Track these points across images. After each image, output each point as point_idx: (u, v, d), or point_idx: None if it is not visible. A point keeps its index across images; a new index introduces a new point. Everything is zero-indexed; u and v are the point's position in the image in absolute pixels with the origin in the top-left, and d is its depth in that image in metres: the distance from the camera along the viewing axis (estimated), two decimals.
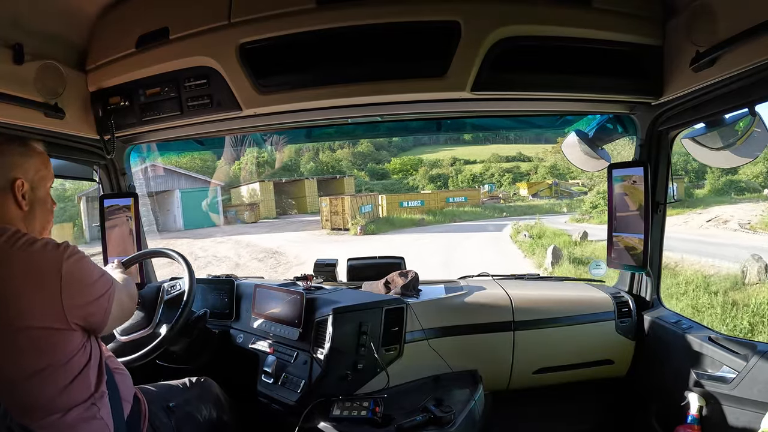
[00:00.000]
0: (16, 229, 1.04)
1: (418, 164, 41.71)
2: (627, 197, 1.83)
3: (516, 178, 38.85)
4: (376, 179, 39.59)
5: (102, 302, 1.07)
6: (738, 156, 1.49)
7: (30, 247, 1.00)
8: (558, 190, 33.82)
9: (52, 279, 0.99)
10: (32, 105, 1.46)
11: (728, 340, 1.57)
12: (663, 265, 1.96)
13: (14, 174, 1.08)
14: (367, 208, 23.18)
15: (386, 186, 36.71)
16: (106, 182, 2.07)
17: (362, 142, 39.62)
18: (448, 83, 1.45)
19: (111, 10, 1.58)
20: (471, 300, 1.92)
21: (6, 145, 1.13)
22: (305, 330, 1.63)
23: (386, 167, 42.14)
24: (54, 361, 1.00)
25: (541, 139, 36.34)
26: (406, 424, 1.40)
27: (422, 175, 40.14)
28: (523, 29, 1.42)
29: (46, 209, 1.15)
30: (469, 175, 40.05)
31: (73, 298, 1.01)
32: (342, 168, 38.29)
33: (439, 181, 39.23)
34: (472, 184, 38.26)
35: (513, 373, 1.89)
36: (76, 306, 1.02)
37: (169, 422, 1.30)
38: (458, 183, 38.89)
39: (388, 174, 41.36)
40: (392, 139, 41.34)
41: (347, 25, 1.41)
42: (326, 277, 2.13)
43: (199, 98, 1.59)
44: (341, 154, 39.26)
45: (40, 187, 1.14)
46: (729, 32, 1.19)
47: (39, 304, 0.98)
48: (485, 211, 28.69)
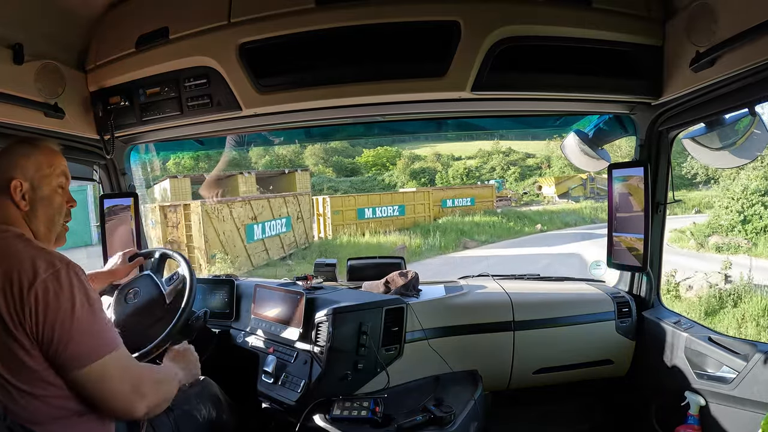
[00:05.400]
0: (19, 233, 1.05)
1: (396, 157, 33.02)
2: (629, 197, 1.83)
3: (525, 173, 31.28)
4: (344, 176, 31.58)
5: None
6: (738, 156, 1.49)
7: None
8: (594, 188, 25.19)
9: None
10: (32, 105, 1.46)
11: (728, 340, 1.57)
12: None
13: (12, 174, 1.08)
14: (276, 228, 12.45)
15: (355, 184, 29.15)
16: (106, 182, 2.07)
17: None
18: (448, 83, 1.45)
19: (111, 10, 1.58)
20: (471, 300, 1.92)
21: (12, 146, 1.13)
22: (305, 330, 1.63)
23: (357, 161, 33.45)
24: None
25: (528, 135, 32.52)
26: (406, 424, 1.40)
27: (401, 169, 31.83)
28: (523, 29, 1.42)
29: (51, 208, 1.14)
30: (463, 169, 32.10)
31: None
32: (304, 163, 29.95)
33: (424, 177, 31.44)
34: (468, 181, 30.38)
35: (513, 373, 1.89)
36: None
37: (168, 421, 1.30)
38: (449, 180, 30.97)
39: (360, 170, 32.98)
40: (370, 137, 35.49)
41: (347, 25, 1.41)
42: (326, 277, 2.12)
43: (199, 98, 1.59)
44: (312, 149, 30.86)
45: (43, 186, 1.13)
46: (729, 32, 1.19)
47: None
48: (507, 221, 18.44)
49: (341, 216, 15.60)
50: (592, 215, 20.42)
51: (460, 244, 15.22)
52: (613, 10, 1.42)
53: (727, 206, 13.88)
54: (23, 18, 1.37)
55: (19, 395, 0.96)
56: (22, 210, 1.09)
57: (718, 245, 12.87)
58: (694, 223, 14.90)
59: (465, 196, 20.69)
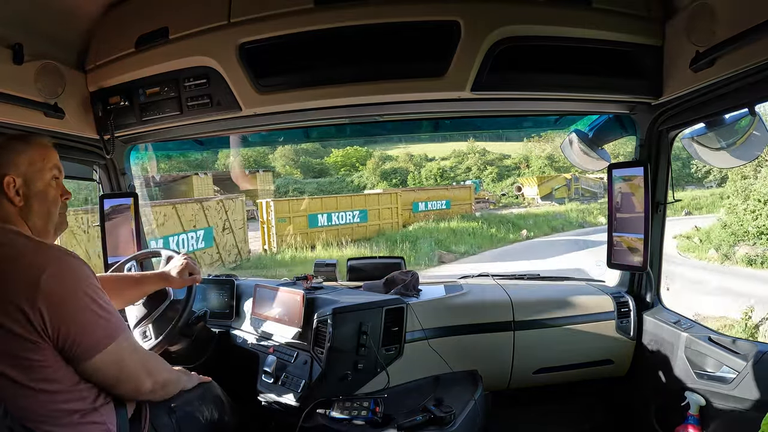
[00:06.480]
0: (16, 230, 1.06)
1: (366, 157, 31.84)
2: (629, 197, 1.83)
3: (503, 173, 30.38)
4: (312, 177, 30.87)
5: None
6: (738, 156, 1.49)
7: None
8: (579, 189, 24.01)
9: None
10: (32, 105, 1.46)
11: (728, 340, 1.57)
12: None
13: (4, 171, 1.09)
14: (188, 243, 9.90)
15: (323, 186, 28.59)
16: (106, 182, 2.07)
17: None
18: (448, 83, 1.45)
19: (111, 10, 1.58)
20: (471, 300, 1.91)
21: (3, 143, 1.14)
22: (305, 330, 1.63)
23: (325, 161, 32.72)
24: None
25: (503, 137, 29.49)
26: (407, 424, 1.40)
27: (371, 170, 30.69)
28: (523, 29, 1.42)
29: (45, 202, 1.15)
30: (437, 170, 30.96)
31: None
32: (274, 165, 29.47)
33: (396, 178, 30.41)
34: (442, 182, 28.80)
35: (513, 373, 1.89)
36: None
37: (170, 422, 1.30)
38: (422, 181, 29.71)
39: (328, 171, 32.36)
40: (341, 138, 31.42)
41: (346, 25, 1.41)
42: (326, 277, 2.12)
43: (199, 98, 1.59)
44: (282, 150, 29.83)
45: (36, 181, 1.13)
46: (729, 32, 1.19)
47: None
48: (488, 227, 15.89)
49: (288, 224, 12.81)
50: (579, 218, 18.87)
51: (435, 257, 12.54)
52: (613, 10, 1.42)
53: (753, 210, 11.80)
54: (23, 18, 1.37)
55: (23, 393, 0.96)
56: (16, 206, 1.10)
57: (749, 258, 10.82)
58: (696, 227, 13.74)
59: (439, 198, 18.07)
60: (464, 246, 13.71)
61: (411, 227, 15.48)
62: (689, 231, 13.50)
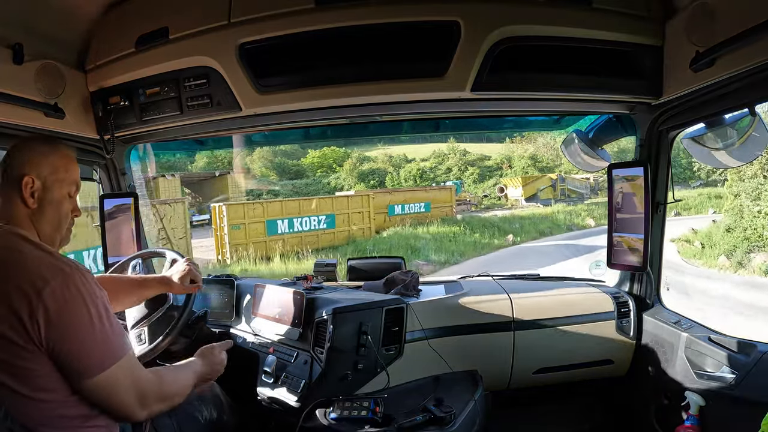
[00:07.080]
0: (24, 234, 1.02)
1: (344, 158, 30.93)
2: (629, 197, 1.83)
3: (484, 173, 29.41)
4: (287, 178, 29.84)
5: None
6: (737, 157, 1.49)
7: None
8: (565, 190, 22.91)
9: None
10: (32, 105, 1.46)
11: (728, 340, 1.57)
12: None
13: (26, 171, 1.06)
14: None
15: (298, 187, 27.92)
16: (106, 182, 2.07)
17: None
18: (448, 83, 1.45)
19: (111, 10, 1.58)
20: (471, 300, 1.91)
21: (31, 142, 1.12)
22: (305, 330, 1.63)
23: (302, 162, 31.54)
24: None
25: (483, 138, 28.91)
26: (407, 424, 1.40)
27: (349, 171, 29.89)
28: (523, 29, 1.41)
29: (59, 213, 1.12)
30: (416, 171, 30.10)
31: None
32: (252, 167, 28.57)
33: (374, 180, 29.54)
34: (422, 183, 27.97)
35: (513, 373, 1.89)
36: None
37: (170, 422, 1.30)
38: (400, 182, 28.81)
39: (305, 172, 31.30)
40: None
41: (346, 25, 1.41)
42: (326, 277, 2.13)
43: (199, 98, 1.59)
44: (260, 151, 28.54)
45: (54, 189, 1.10)
46: (729, 32, 1.19)
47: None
48: (471, 232, 14.74)
49: (244, 231, 11.39)
50: (567, 221, 17.71)
51: (411, 268, 11.56)
52: (613, 10, 1.42)
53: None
54: (23, 18, 1.37)
55: (23, 402, 0.95)
56: (29, 208, 1.07)
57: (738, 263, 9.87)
58: (693, 229, 12.90)
59: (418, 200, 16.50)
60: (444, 254, 12.39)
61: (385, 233, 14.16)
62: (686, 234, 12.77)
